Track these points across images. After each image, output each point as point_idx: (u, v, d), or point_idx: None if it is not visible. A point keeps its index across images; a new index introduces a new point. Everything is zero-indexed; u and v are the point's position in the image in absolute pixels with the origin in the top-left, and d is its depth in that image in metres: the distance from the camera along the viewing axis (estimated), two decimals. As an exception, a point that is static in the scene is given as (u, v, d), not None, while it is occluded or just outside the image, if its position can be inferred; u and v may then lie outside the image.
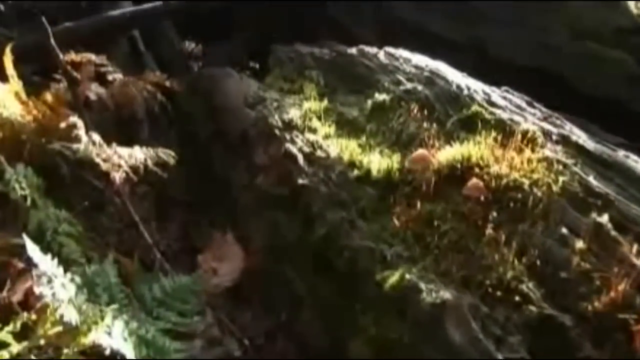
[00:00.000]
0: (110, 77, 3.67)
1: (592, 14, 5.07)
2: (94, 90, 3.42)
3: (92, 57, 3.76)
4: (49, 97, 3.12)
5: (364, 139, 3.00)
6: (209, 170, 3.49)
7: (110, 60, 4.19)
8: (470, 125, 2.90)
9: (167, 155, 2.98)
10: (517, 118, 2.95)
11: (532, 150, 2.67)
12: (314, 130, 3.09)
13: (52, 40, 3.37)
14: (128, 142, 3.08)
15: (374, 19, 5.28)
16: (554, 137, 2.82)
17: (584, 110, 3.72)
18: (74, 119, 2.92)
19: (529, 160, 2.60)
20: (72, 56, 3.74)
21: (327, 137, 3.04)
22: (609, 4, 5.17)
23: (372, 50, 3.66)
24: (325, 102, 3.29)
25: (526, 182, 2.49)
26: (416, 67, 3.40)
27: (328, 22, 5.35)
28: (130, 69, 4.27)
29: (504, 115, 2.95)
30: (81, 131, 2.87)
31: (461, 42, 5.02)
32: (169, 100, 3.75)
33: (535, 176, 2.52)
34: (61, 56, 3.36)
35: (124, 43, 4.81)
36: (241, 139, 3.31)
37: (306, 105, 3.24)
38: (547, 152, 2.67)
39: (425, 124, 2.96)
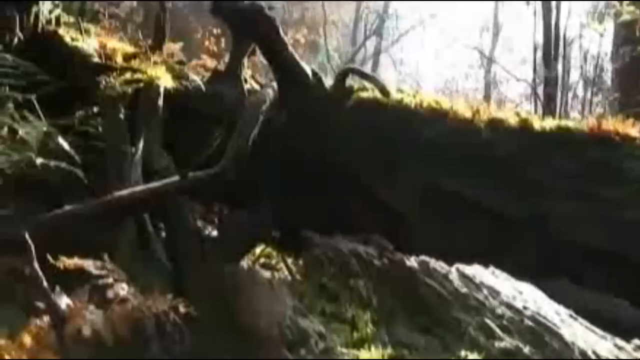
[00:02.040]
0: (110, 293, 2.95)
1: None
2: (89, 319, 2.68)
3: (89, 264, 3.06)
4: (27, 338, 2.39)
5: None
6: None
7: (112, 253, 3.53)
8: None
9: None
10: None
11: None
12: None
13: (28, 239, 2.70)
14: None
15: (411, 189, 4.69)
16: None
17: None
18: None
19: None
20: (64, 261, 3.05)
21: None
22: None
23: (439, 267, 2.94)
24: (388, 350, 2.51)
25: None
26: (509, 306, 2.65)
27: (361, 191, 4.76)
28: (136, 265, 3.58)
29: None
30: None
31: (521, 217, 4.37)
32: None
33: None
34: (39, 276, 2.64)
35: (131, 224, 4.15)
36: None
37: (364, 355, 2.47)
38: None
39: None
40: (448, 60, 22.30)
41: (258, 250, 5.42)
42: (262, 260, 5.64)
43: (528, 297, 2.72)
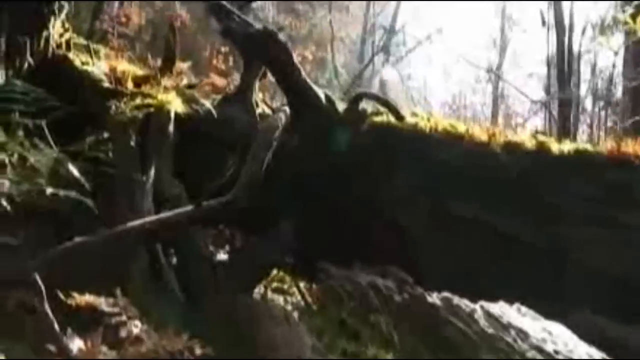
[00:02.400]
0: (124, 332, 2.87)
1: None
2: (102, 360, 2.60)
3: (100, 302, 2.98)
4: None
5: None
6: None
7: (124, 285, 3.46)
8: None
9: None
10: None
11: None
12: None
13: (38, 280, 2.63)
14: None
15: (425, 213, 4.62)
16: None
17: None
18: None
19: None
20: (74, 299, 2.97)
21: None
22: None
23: (463, 305, 2.84)
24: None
25: None
26: (540, 349, 2.56)
27: (375, 216, 4.68)
28: (148, 297, 3.50)
29: None
30: None
31: (538, 243, 4.28)
32: None
33: None
34: (50, 317, 2.56)
35: (143, 253, 4.07)
36: None
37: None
38: None
39: None
40: (456, 75, 22.21)
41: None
42: (274, 284, 5.56)
43: (558, 339, 2.63)
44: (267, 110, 5.32)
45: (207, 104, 4.92)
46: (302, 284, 5.36)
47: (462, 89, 21.97)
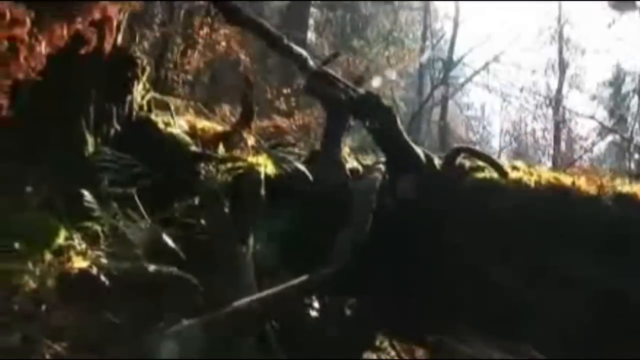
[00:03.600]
0: None
1: None
2: None
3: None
4: None
5: None
6: None
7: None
8: None
9: None
10: None
11: None
12: None
13: None
14: None
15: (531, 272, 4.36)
16: None
17: None
18: None
19: None
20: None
21: None
22: None
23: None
24: None
25: None
26: None
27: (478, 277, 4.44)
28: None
29: None
30: None
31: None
32: None
33: None
34: None
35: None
36: None
37: None
38: None
39: None
40: (514, 101, 21.75)
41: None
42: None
43: None
44: (356, 164, 5.14)
45: (297, 162, 4.78)
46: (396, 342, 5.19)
47: (522, 115, 21.51)
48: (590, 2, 18.17)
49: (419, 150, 4.35)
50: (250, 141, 5.70)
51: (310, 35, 17.81)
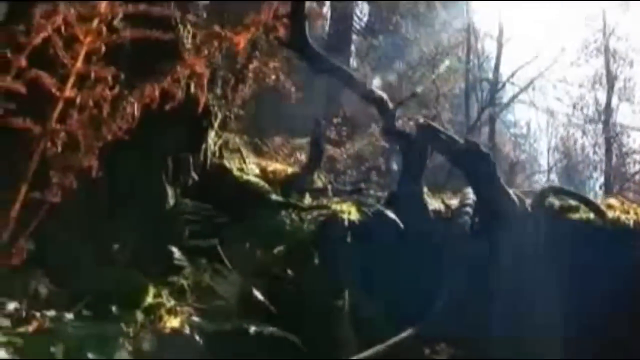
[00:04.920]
0: None
1: None
2: None
3: None
4: None
5: None
6: None
7: None
8: None
9: None
10: None
11: None
12: None
13: None
14: None
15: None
16: None
17: None
18: None
19: None
20: None
21: None
22: None
23: None
24: None
25: None
26: None
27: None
28: None
29: None
30: None
31: None
32: None
33: None
34: None
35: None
36: None
37: None
38: None
39: None
40: (562, 117, 21.27)
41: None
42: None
43: None
44: (438, 205, 5.02)
45: (381, 207, 4.67)
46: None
47: (570, 131, 21.04)
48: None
49: (514, 196, 4.21)
50: (323, 182, 5.62)
51: (352, 61, 17.73)
